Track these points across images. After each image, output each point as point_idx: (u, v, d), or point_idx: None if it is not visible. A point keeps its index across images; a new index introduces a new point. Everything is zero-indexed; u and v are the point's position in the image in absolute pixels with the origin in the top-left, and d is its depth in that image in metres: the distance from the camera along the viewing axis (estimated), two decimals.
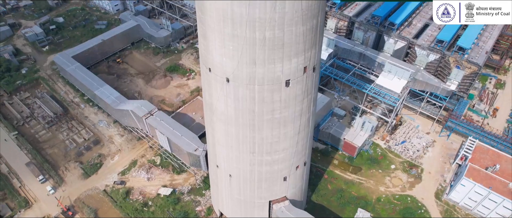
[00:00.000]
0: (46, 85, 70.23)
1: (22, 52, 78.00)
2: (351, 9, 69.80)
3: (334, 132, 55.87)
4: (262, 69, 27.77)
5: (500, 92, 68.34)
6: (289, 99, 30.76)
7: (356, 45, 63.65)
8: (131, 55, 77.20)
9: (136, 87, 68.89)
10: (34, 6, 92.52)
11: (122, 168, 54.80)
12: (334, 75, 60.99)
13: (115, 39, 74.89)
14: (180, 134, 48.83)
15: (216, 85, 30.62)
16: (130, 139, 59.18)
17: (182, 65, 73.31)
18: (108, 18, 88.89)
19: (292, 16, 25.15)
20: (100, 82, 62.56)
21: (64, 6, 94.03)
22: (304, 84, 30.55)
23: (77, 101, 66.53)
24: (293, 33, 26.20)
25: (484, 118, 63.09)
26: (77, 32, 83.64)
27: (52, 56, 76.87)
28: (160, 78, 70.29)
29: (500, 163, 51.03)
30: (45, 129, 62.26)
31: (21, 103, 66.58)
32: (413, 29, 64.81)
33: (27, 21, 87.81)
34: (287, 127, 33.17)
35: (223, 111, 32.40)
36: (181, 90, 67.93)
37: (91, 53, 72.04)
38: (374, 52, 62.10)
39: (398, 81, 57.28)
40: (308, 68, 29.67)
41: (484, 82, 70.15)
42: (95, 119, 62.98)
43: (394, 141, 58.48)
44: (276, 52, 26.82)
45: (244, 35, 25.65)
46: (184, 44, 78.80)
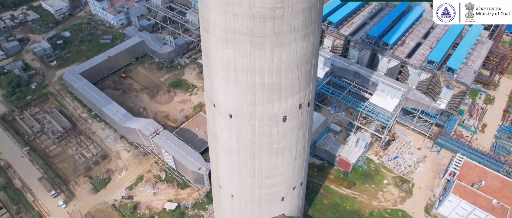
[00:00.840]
0: (55, 100, 73.35)
1: (31, 67, 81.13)
2: (347, 27, 72.92)
3: (330, 148, 59.02)
4: (262, 108, 30.87)
5: (489, 108, 71.46)
6: (286, 132, 33.88)
7: (352, 63, 66.79)
8: (135, 70, 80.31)
9: (141, 102, 72.01)
10: (41, 21, 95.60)
11: (130, 183, 57.95)
12: (330, 93, 64.10)
13: (120, 55, 77.99)
14: (185, 153, 52.01)
15: (220, 119, 33.73)
16: (136, 155, 62.33)
17: (185, 81, 76.39)
18: (112, 32, 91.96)
19: (288, 65, 28.26)
20: (107, 99, 65.70)
21: (70, 20, 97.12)
22: (299, 118, 33.65)
23: (85, 116, 69.67)
24: (289, 78, 29.31)
25: (473, 133, 66.21)
26: (83, 47, 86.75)
27: (60, 71, 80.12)
28: (164, 93, 73.40)
29: (486, 179, 54.21)
30: (55, 144, 65.43)
31: (32, 118, 69.73)
32: (406, 48, 67.92)
33: (35, 35, 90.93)
34: (285, 155, 36.29)
35: (226, 140, 35.51)
36: (184, 106, 71.05)
37: (98, 69, 75.15)
38: (369, 71, 65.24)
39: (391, 100, 60.42)
40: (303, 105, 32.77)
41: (474, 97, 73.24)
42: (102, 135, 66.14)
43: (387, 156, 61.64)
44: (274, 94, 29.93)
45: (246, 81, 28.77)
46: (187, 59, 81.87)
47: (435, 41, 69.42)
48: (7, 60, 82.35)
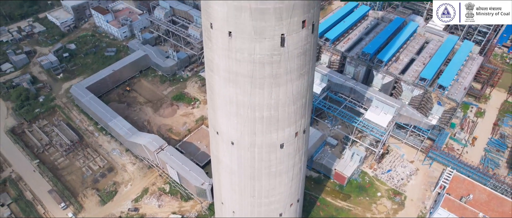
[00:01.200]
0: (62, 113, 76.17)
1: (38, 80, 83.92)
2: (344, 43, 75.75)
3: (326, 162, 61.88)
4: (261, 138, 33.70)
5: (479, 121, 74.31)
6: (283, 157, 36.72)
7: (347, 79, 69.66)
8: (139, 83, 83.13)
9: (146, 115, 74.82)
10: (47, 33, 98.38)
11: (135, 196, 60.80)
12: (326, 108, 66.94)
13: (124, 68, 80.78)
14: (188, 169, 54.89)
15: (223, 145, 36.58)
16: (142, 167, 65.15)
17: (187, 94, 79.19)
18: (116, 44, 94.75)
19: (285, 101, 31.10)
20: (113, 114, 68.53)
21: (76, 32, 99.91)
22: (295, 145, 36.49)
23: (91, 129, 72.48)
24: (286, 112, 32.14)
25: (464, 146, 69.10)
26: (88, 59, 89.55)
27: (66, 83, 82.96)
28: (167, 107, 76.22)
29: (474, 192, 57.12)
30: (63, 157, 68.23)
31: (40, 131, 72.55)
32: (400, 65, 70.76)
33: (42, 48, 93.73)
34: (282, 176, 39.14)
35: (228, 164, 38.37)
36: (187, 119, 73.88)
37: (103, 83, 77.93)
38: (364, 87, 68.10)
39: (385, 116, 63.26)
40: (299, 133, 35.61)
41: (466, 111, 76.08)
42: (108, 148, 68.95)
43: (381, 169, 64.49)
44: (272, 125, 32.76)
45: (246, 115, 31.60)
46: (189, 72, 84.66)
47: (428, 57, 72.27)
48: (15, 73, 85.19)
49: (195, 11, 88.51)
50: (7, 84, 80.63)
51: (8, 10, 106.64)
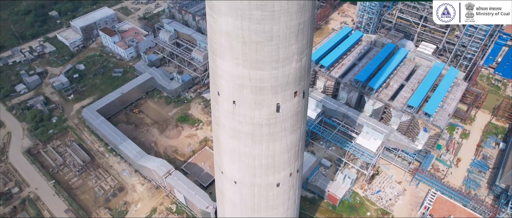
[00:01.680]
0: (74, 134, 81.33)
1: (50, 101, 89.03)
2: (338, 69, 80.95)
3: (320, 184, 67.15)
4: (260, 179, 38.93)
5: (464, 142, 79.59)
6: (279, 193, 41.97)
7: (341, 105, 74.90)
8: (146, 104, 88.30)
9: (152, 136, 79.97)
10: (57, 53, 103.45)
11: (145, 215, 66.01)
12: (321, 133, 72.20)
13: (132, 90, 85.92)
14: (194, 193, 60.15)
15: (226, 183, 41.83)
16: (150, 188, 70.34)
17: (191, 115, 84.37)
18: (123, 65, 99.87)
19: (280, 151, 36.31)
20: (123, 137, 73.68)
21: (84, 52, 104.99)
22: (290, 183, 41.74)
23: (102, 150, 77.65)
24: (281, 159, 37.37)
25: (449, 167, 74.38)
26: (97, 80, 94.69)
27: (77, 104, 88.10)
28: (173, 128, 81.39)
29: (455, 214, 62.48)
30: (77, 176, 73.41)
31: (54, 152, 77.74)
32: (389, 91, 75.95)
33: (53, 68, 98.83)
34: (278, 208, 44.38)
35: (231, 198, 43.63)
36: (191, 140, 79.06)
37: (112, 105, 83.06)
38: (356, 112, 73.33)
39: (375, 141, 68.50)
40: (293, 173, 40.85)
41: (452, 132, 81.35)
42: (118, 168, 74.15)
43: (371, 190, 69.76)
44: (269, 170, 37.99)
45: (247, 162, 36.83)
46: (192, 93, 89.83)
47: (416, 83, 77.48)
48: (29, 94, 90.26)
49: (198, 34, 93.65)
50: (22, 105, 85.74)
51: (20, 29, 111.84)
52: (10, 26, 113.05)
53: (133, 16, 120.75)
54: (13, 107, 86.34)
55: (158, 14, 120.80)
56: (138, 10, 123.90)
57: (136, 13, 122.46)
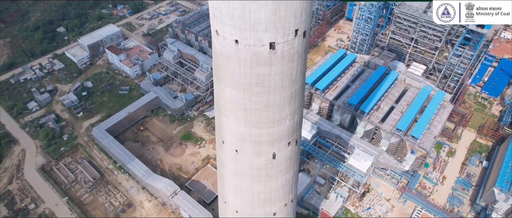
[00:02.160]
0: (84, 151, 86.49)
1: (61, 118, 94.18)
2: (332, 91, 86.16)
3: (314, 202, 72.51)
4: (258, 210, 44.15)
5: (450, 160, 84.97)
6: None
7: (334, 127, 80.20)
8: (151, 121, 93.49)
9: (158, 154, 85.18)
10: (66, 70, 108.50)
11: None
12: (315, 153, 77.54)
13: (138, 109, 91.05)
14: (198, 212, 65.46)
15: (229, 211, 47.13)
16: (156, 204, 75.61)
17: (194, 134, 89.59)
18: (128, 82, 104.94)
19: (276, 188, 41.50)
20: (131, 156, 78.87)
21: (91, 69, 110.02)
22: (285, 212, 47.02)
23: (111, 168, 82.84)
24: (277, 194, 42.51)
25: (435, 185, 79.77)
26: (104, 98, 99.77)
27: (86, 122, 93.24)
28: (177, 146, 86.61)
29: None
30: (88, 193, 78.66)
31: (66, 169, 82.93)
32: (380, 113, 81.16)
33: (62, 85, 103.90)
34: None
35: None
36: (194, 158, 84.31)
37: (120, 124, 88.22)
38: (348, 134, 78.63)
39: (365, 162, 73.82)
40: (288, 204, 46.11)
41: (439, 150, 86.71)
42: (127, 185, 79.37)
43: (361, 207, 75.18)
44: (267, 202, 43.19)
45: (248, 196, 42.08)
46: (195, 111, 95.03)
47: (406, 105, 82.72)
48: (41, 112, 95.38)
49: (200, 55, 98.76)
50: (35, 123, 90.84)
51: (29, 46, 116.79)
52: (20, 43, 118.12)
53: (137, 32, 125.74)
54: (26, 124, 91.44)
55: (161, 30, 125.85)
56: (142, 26, 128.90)
57: (140, 29, 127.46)
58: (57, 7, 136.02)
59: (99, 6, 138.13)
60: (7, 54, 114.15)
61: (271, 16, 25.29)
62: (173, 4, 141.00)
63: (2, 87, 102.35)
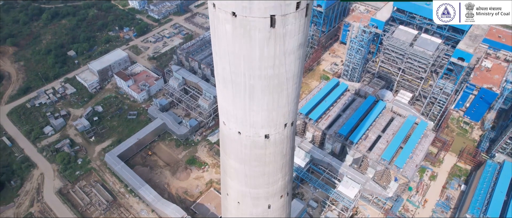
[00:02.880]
0: (97, 175, 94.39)
1: (75, 142, 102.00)
2: (325, 121, 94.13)
3: None
4: None
5: (432, 184, 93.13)
6: None
7: (326, 155, 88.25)
8: (158, 146, 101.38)
9: (165, 178, 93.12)
10: (77, 94, 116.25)
11: None
12: (308, 180, 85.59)
13: (147, 135, 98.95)
14: None
15: None
16: None
17: (198, 158, 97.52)
18: (136, 106, 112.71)
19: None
20: (141, 182, 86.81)
21: (101, 93, 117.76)
22: None
23: (123, 191, 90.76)
24: None
25: (417, 208, 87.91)
26: (114, 122, 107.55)
27: (98, 146, 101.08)
28: (183, 170, 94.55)
29: None
30: (102, 215, 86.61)
31: (81, 192, 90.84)
32: (368, 142, 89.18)
33: (74, 109, 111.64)
34: None
35: None
36: (199, 182, 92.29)
37: (130, 149, 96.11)
38: (338, 162, 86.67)
39: (353, 189, 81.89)
40: None
41: (422, 174, 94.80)
42: (138, 208, 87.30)
43: None
44: None
45: None
46: (199, 136, 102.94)
47: (391, 134, 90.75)
48: (56, 136, 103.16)
49: (203, 83, 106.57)
50: (51, 148, 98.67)
51: (42, 69, 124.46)
52: (34, 66, 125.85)
53: (143, 56, 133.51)
54: (43, 149, 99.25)
55: (165, 53, 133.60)
56: (147, 49, 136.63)
57: (145, 52, 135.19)
58: (66, 30, 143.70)
59: (106, 29, 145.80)
60: (22, 79, 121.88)
61: (265, 119, 33.25)
62: (176, 27, 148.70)
63: (19, 111, 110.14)
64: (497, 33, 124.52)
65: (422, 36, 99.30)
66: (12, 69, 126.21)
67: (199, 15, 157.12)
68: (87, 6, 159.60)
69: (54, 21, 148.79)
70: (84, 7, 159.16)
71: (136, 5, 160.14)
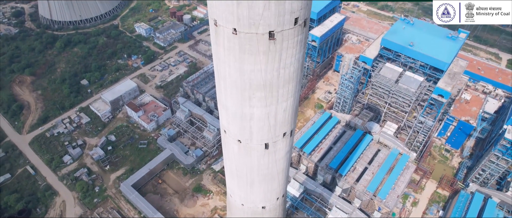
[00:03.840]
0: (113, 202, 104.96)
1: (92, 171, 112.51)
2: (317, 153, 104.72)
3: None
4: None
5: (414, 209, 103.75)
6: None
7: (318, 186, 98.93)
8: (167, 174, 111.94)
9: (174, 205, 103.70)
10: (92, 123, 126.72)
11: None
12: (302, 209, 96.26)
13: (157, 165, 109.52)
14: None
15: None
16: None
17: (203, 186, 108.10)
18: (146, 136, 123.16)
19: None
20: (154, 210, 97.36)
21: (113, 122, 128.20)
22: None
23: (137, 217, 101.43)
24: None
25: None
26: (126, 151, 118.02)
27: (113, 175, 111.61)
28: (190, 198, 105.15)
29: None
30: None
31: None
32: (355, 174, 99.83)
33: (90, 138, 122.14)
34: None
35: None
36: (204, 209, 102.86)
37: (142, 178, 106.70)
38: (329, 193, 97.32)
39: None
40: None
41: (405, 201, 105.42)
42: None
43: None
44: None
45: None
46: (204, 165, 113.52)
47: (377, 166, 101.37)
48: (74, 165, 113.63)
49: (208, 115, 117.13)
50: (71, 176, 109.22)
51: (58, 99, 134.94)
52: (50, 95, 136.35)
53: (150, 84, 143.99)
54: (64, 177, 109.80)
55: (171, 82, 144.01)
56: (154, 78, 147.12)
57: (152, 81, 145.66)
58: (79, 58, 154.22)
59: (115, 57, 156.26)
60: (41, 108, 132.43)
61: (262, 197, 43.84)
62: (181, 54, 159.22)
63: (40, 140, 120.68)
64: (477, 65, 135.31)
65: (406, 74, 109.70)
66: (31, 98, 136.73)
67: (202, 42, 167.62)
68: (96, 33, 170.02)
69: (67, 49, 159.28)
70: (94, 34, 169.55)
71: (143, 32, 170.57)
